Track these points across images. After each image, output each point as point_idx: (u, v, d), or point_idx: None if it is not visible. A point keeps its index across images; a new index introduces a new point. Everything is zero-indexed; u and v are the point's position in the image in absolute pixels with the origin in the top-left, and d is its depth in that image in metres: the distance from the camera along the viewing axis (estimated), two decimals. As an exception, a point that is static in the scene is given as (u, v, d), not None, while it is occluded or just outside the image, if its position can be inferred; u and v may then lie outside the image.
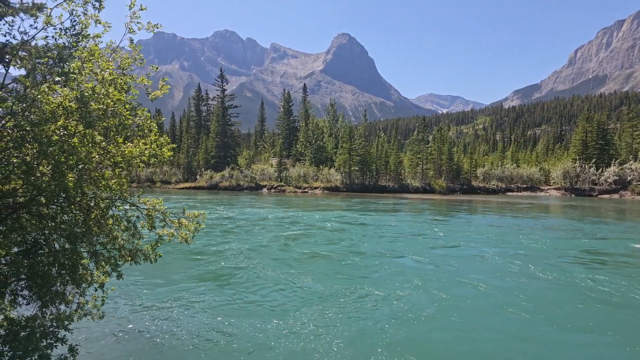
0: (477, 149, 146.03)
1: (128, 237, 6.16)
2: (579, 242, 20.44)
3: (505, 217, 33.34)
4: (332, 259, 15.80)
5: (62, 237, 5.30)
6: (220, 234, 21.27)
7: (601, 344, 8.24)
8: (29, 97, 4.37)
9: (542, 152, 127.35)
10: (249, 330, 8.45)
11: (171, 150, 6.00)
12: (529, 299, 10.84)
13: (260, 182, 77.81)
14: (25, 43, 4.31)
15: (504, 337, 8.53)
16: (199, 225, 6.52)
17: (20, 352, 4.63)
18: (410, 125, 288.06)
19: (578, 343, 8.34)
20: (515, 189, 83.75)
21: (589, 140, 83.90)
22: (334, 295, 10.88)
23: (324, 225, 25.19)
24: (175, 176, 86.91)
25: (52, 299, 5.32)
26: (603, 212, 40.02)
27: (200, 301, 10.38)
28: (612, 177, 75.32)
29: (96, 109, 4.78)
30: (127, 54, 5.46)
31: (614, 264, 15.68)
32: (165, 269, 13.57)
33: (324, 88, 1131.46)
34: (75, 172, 4.91)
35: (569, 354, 7.81)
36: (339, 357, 7.31)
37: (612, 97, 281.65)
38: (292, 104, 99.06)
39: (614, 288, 11.97)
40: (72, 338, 5.95)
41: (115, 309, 9.63)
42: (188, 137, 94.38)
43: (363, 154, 76.95)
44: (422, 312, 9.77)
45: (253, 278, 12.61)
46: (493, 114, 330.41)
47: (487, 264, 15.07)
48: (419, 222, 28.34)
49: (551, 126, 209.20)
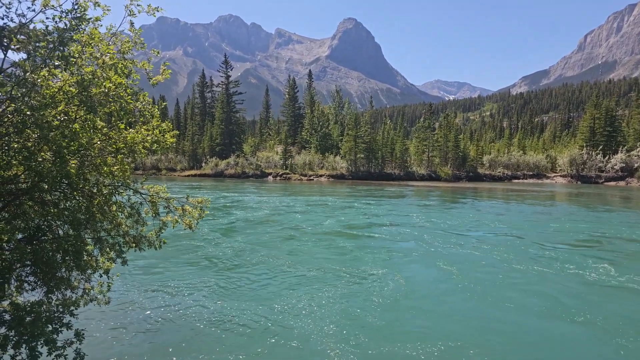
0: (483, 136, 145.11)
1: (132, 223, 6.15)
2: (579, 228, 20.32)
3: (510, 204, 33.20)
4: (336, 244, 15.82)
5: (65, 224, 5.29)
6: (225, 221, 21.35)
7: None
8: (28, 81, 4.31)
9: (549, 139, 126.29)
10: (253, 314, 8.48)
11: (175, 137, 5.94)
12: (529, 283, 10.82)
13: (266, 170, 77.83)
14: (23, 26, 4.24)
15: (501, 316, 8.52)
16: (203, 211, 6.49)
17: (26, 337, 4.66)
18: (417, 112, 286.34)
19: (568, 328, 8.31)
20: (521, 176, 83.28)
21: (596, 127, 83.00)
22: (335, 279, 10.89)
23: (330, 212, 25.20)
24: (180, 164, 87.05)
25: (57, 284, 5.33)
26: (609, 199, 39.76)
27: (205, 286, 10.45)
28: (618, 164, 74.70)
29: (97, 93, 4.72)
30: (128, 38, 5.37)
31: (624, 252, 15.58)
32: (169, 254, 13.65)
33: (330, 74, 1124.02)
34: (77, 158, 4.88)
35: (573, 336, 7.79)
36: (340, 338, 7.33)
37: (621, 83, 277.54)
38: (297, 91, 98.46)
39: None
40: (78, 323, 5.98)
41: (121, 294, 9.70)
42: (193, 124, 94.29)
43: (369, 141, 76.54)
44: (425, 292, 9.78)
45: (257, 263, 12.66)
46: (500, 101, 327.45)
47: (486, 249, 15.02)
48: (423, 211, 28.27)
49: (559, 113, 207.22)
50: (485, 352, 7.19)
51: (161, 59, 5.68)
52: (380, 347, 7.24)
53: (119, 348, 7.12)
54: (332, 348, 7.13)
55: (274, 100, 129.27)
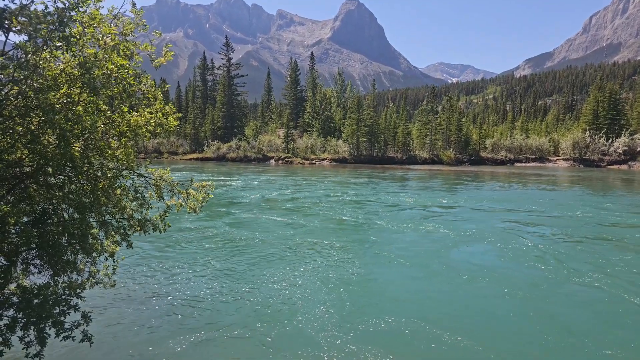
0: (486, 119, 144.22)
1: (136, 207, 6.17)
2: (578, 214, 20.34)
3: (510, 190, 33.18)
4: (337, 227, 15.89)
5: (70, 207, 5.30)
6: (228, 204, 21.42)
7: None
8: (30, 63, 4.26)
9: (552, 123, 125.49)
10: (257, 294, 8.56)
11: (177, 120, 5.91)
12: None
13: (268, 154, 77.71)
14: (24, 7, 4.18)
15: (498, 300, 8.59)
16: (207, 195, 6.50)
17: (34, 319, 4.71)
18: (420, 95, 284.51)
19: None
20: (523, 160, 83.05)
21: (600, 110, 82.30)
22: (337, 262, 10.97)
23: (332, 195, 25.23)
24: (182, 147, 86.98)
25: (64, 267, 5.37)
26: (611, 182, 39.68)
27: (208, 267, 10.55)
28: (621, 147, 74.35)
29: (99, 75, 4.67)
30: (129, 19, 5.30)
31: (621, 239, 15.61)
32: (173, 237, 13.73)
33: (332, 57, 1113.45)
34: (81, 142, 4.86)
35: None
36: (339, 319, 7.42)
37: (625, 66, 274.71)
38: (299, 73, 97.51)
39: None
40: (85, 305, 6.05)
41: (127, 276, 9.79)
42: (194, 108, 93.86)
43: (371, 124, 76.14)
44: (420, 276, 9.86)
45: (260, 245, 12.73)
46: (504, 84, 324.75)
47: (484, 234, 15.08)
48: (424, 195, 28.29)
49: (562, 96, 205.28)
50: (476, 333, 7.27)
51: (162, 41, 5.60)
52: (383, 326, 7.33)
53: (125, 329, 7.22)
54: (343, 331, 7.21)
55: (276, 83, 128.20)
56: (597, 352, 6.70)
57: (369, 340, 6.87)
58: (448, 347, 6.73)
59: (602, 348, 6.80)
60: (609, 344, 6.95)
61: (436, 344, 6.79)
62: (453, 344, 6.80)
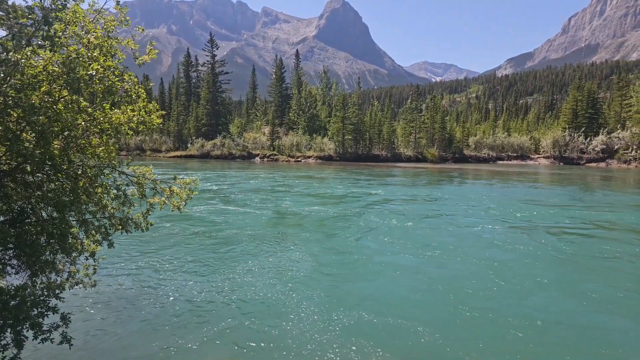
0: (469, 117, 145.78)
1: (118, 205, 6.05)
2: (559, 209, 20.75)
3: (493, 186, 33.66)
4: (324, 225, 15.89)
5: (49, 206, 5.17)
6: (212, 202, 21.23)
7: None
8: (11, 60, 4.13)
9: (533, 121, 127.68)
10: (241, 294, 8.51)
11: (161, 117, 5.82)
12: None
13: (253, 151, 77.26)
14: (2, 2, 4.04)
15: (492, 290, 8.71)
16: (192, 192, 6.42)
17: (11, 322, 4.58)
18: (404, 93, 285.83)
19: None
20: (505, 158, 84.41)
21: (579, 109, 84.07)
22: (324, 258, 10.98)
23: (317, 192, 25.23)
24: (165, 144, 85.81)
25: (42, 268, 5.24)
26: (590, 179, 40.57)
27: (190, 264, 10.45)
28: (599, 145, 76.12)
29: (84, 75, 4.55)
30: (113, 16, 5.18)
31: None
32: (156, 235, 13.55)
33: (317, 54, 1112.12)
34: (60, 140, 4.74)
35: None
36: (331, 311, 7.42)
37: (603, 66, 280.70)
38: (284, 71, 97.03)
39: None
40: (64, 306, 5.93)
41: (107, 276, 9.63)
42: (178, 105, 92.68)
43: (356, 122, 76.34)
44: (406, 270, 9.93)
45: (241, 241, 12.66)
46: (486, 83, 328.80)
47: (471, 230, 15.27)
48: (409, 191, 28.50)
49: (543, 95, 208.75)
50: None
51: (145, 37, 5.53)
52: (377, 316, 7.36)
53: (105, 331, 7.09)
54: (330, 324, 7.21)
55: (261, 81, 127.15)
56: (597, 351, 6.84)
57: (354, 336, 6.88)
58: (431, 342, 6.79)
59: (602, 347, 6.94)
60: (608, 338, 7.10)
61: (422, 339, 6.85)
62: (435, 339, 6.87)
